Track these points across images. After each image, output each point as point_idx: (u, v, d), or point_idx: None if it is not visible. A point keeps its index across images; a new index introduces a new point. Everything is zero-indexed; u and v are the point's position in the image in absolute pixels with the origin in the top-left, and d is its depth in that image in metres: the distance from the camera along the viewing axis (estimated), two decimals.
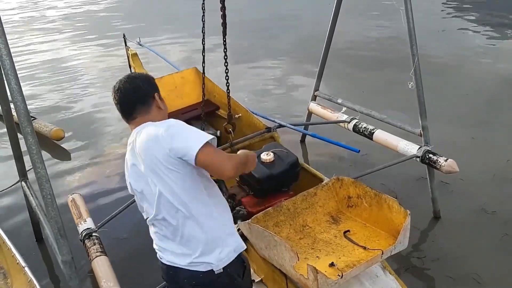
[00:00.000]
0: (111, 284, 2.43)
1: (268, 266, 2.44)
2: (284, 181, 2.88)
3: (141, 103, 1.98)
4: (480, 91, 6.14)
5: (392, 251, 2.27)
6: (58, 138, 5.03)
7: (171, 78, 4.39)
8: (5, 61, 2.01)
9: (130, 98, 1.98)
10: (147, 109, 1.99)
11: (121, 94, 1.98)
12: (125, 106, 1.98)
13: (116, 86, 2.01)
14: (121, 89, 1.98)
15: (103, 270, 2.52)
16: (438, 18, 9.99)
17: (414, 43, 3.31)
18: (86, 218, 2.91)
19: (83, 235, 2.78)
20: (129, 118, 1.99)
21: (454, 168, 3.17)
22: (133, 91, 1.98)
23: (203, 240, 1.91)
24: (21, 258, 2.57)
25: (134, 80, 2.02)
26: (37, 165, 2.12)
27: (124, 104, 1.98)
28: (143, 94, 1.99)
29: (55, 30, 10.48)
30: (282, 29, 9.67)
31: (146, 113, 1.98)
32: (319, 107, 4.44)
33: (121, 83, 2.00)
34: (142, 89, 2.00)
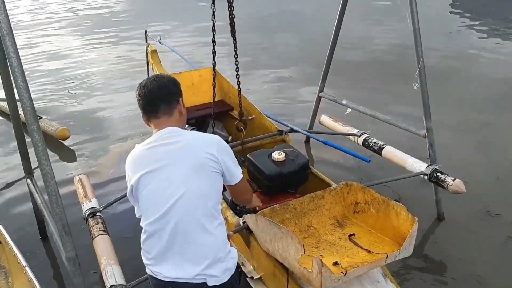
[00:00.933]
0: (111, 261, 2.45)
1: (270, 261, 2.44)
2: (293, 182, 2.90)
3: (165, 102, 1.98)
4: (485, 93, 6.13)
5: (397, 256, 2.27)
6: (63, 138, 5.03)
7: (189, 75, 4.43)
8: (12, 59, 2.02)
9: (156, 95, 1.98)
10: (170, 110, 1.99)
11: (146, 90, 1.98)
12: (149, 102, 1.98)
13: (142, 83, 2.01)
14: (148, 86, 1.99)
15: (104, 248, 2.54)
16: (444, 21, 9.99)
17: (419, 44, 3.31)
18: (91, 198, 2.94)
19: (87, 213, 2.80)
20: (151, 116, 1.99)
21: (461, 189, 3.17)
22: (159, 89, 1.98)
23: (211, 252, 1.90)
24: (22, 257, 2.57)
25: (161, 79, 2.04)
26: (42, 162, 2.14)
27: (149, 100, 1.98)
28: (168, 94, 2.00)
29: (63, 28, 10.51)
30: (288, 30, 9.69)
31: (169, 114, 1.99)
32: (330, 119, 4.45)
33: (149, 80, 2.02)
34: (168, 89, 2.01)
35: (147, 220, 1.93)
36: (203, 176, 1.89)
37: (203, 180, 1.89)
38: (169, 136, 1.93)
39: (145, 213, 1.94)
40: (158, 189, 1.89)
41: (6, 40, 2.01)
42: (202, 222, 1.89)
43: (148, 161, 1.92)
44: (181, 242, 1.88)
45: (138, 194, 1.95)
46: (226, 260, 1.95)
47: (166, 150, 1.91)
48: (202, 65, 5.51)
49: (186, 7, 11.95)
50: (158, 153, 1.92)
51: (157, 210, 1.89)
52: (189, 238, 1.88)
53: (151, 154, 1.93)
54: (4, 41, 2.01)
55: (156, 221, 1.89)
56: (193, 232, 1.88)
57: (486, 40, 8.63)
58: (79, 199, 2.99)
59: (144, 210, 1.95)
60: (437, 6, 11.08)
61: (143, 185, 1.91)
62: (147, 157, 1.93)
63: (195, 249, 1.89)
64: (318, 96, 4.63)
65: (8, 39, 2.01)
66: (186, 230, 1.88)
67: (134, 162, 1.96)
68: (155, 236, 1.92)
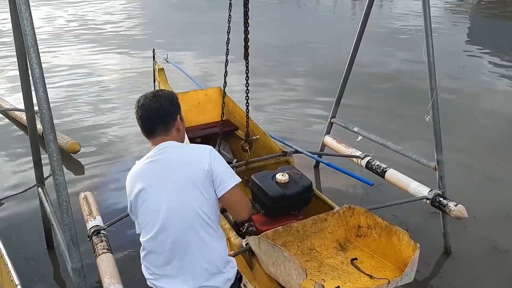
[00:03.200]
0: (114, 280, 2.45)
1: (272, 284, 2.43)
2: (296, 203, 2.91)
3: (162, 123, 2.02)
4: (498, 128, 6.11)
5: (399, 282, 2.26)
6: (73, 151, 5.05)
7: (195, 94, 4.50)
8: (35, 70, 2.08)
9: (153, 117, 2.02)
10: (168, 129, 2.04)
11: (144, 111, 2.02)
12: (147, 124, 2.03)
13: (140, 101, 2.05)
14: (145, 106, 2.02)
15: (108, 266, 2.55)
16: (459, 54, 10.02)
17: (433, 77, 3.33)
18: (96, 215, 2.95)
19: (91, 231, 2.81)
20: (149, 135, 2.05)
21: (464, 214, 3.15)
22: (156, 111, 2.02)
23: (212, 263, 1.95)
24: (16, 275, 2.53)
25: (158, 99, 2.04)
26: (56, 172, 2.17)
27: (146, 121, 2.03)
28: (165, 115, 2.03)
29: (80, 41, 10.70)
30: (301, 54, 9.80)
31: (166, 133, 2.03)
32: (334, 141, 4.46)
33: (146, 99, 2.04)
34: (165, 109, 2.03)
35: (146, 236, 1.97)
36: (196, 189, 1.91)
37: (196, 193, 1.91)
38: (163, 151, 1.99)
39: (144, 229, 1.99)
40: (154, 205, 1.93)
41: (30, 52, 2.07)
42: (200, 235, 1.93)
43: (144, 177, 1.97)
44: (181, 256, 1.92)
45: (137, 211, 1.99)
46: (227, 271, 2.01)
47: (160, 165, 1.96)
48: (209, 84, 5.57)
49: (199, 27, 12.13)
50: (152, 169, 1.97)
51: (154, 226, 1.93)
52: (188, 252, 1.92)
53: (146, 170, 1.98)
54: (29, 53, 2.07)
55: (154, 237, 1.94)
56: (192, 246, 1.92)
57: (500, 76, 8.62)
58: (83, 216, 3.01)
59: (143, 226, 1.99)
60: (453, 40, 11.15)
61: (140, 201, 1.95)
62: (143, 173, 1.98)
63: (195, 262, 1.93)
64: (330, 121, 4.65)
65: (32, 51, 2.07)
66: (185, 244, 1.92)
67: (132, 179, 2.00)
68: (154, 252, 1.97)
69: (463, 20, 14.57)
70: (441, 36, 10.55)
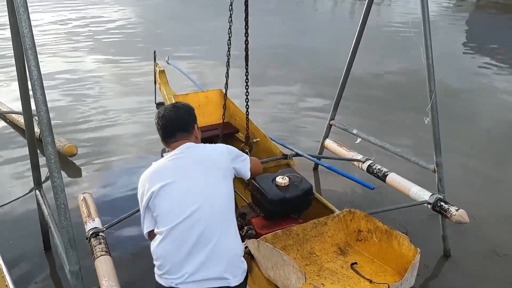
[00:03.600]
0: (112, 283, 2.43)
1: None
2: (296, 207, 2.89)
3: (182, 131, 2.25)
4: (497, 131, 6.12)
5: (398, 287, 2.25)
6: (70, 154, 4.99)
7: (196, 96, 4.50)
8: (33, 72, 2.07)
9: (172, 125, 2.24)
10: (187, 136, 2.26)
11: (164, 121, 2.24)
12: (167, 131, 2.25)
13: (161, 113, 2.27)
14: (165, 116, 2.25)
15: (106, 269, 2.53)
16: (458, 56, 10.05)
17: (432, 79, 3.33)
18: (94, 217, 2.94)
19: (90, 233, 2.80)
20: (169, 140, 2.25)
21: (465, 219, 3.14)
22: (176, 120, 2.25)
23: (233, 254, 2.09)
24: (10, 279, 2.51)
25: (178, 110, 2.29)
26: (54, 175, 2.16)
27: (166, 129, 2.25)
28: (184, 124, 2.26)
29: (77, 43, 10.67)
30: (300, 56, 9.81)
31: (186, 138, 2.26)
32: (335, 144, 4.46)
33: (166, 110, 2.27)
34: (183, 119, 2.27)
35: (167, 225, 2.04)
36: (222, 183, 2.15)
37: (223, 186, 2.15)
38: (186, 150, 2.19)
39: (165, 219, 2.06)
40: (181, 196, 2.07)
41: (28, 54, 2.05)
42: (225, 226, 2.10)
43: (170, 171, 2.13)
44: (206, 244, 2.03)
45: (157, 202, 2.08)
46: (243, 262, 2.16)
47: (186, 161, 2.15)
48: (210, 86, 5.57)
49: (199, 29, 12.14)
50: (178, 164, 2.14)
51: (180, 215, 2.03)
52: (213, 241, 2.03)
53: (172, 165, 2.15)
54: (27, 55, 2.06)
55: (179, 225, 2.03)
56: (217, 235, 2.05)
57: (500, 77, 8.64)
58: (82, 218, 3.00)
59: (164, 215, 2.07)
60: (452, 42, 11.17)
61: (164, 192, 2.07)
62: (169, 168, 2.15)
63: (219, 251, 2.04)
64: (328, 123, 4.65)
65: (30, 53, 2.06)
66: (211, 233, 2.04)
67: (154, 174, 2.14)
68: (178, 239, 2.05)
69: (462, 21, 14.63)
70: (440, 38, 10.55)
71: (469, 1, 18.99)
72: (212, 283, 2.03)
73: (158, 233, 2.09)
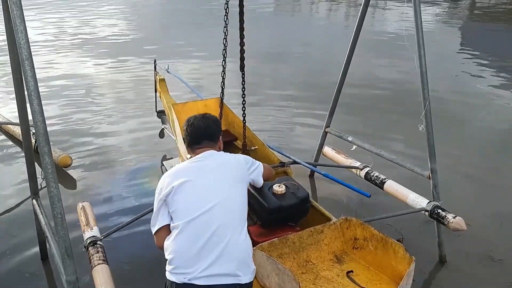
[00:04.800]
0: None
1: None
2: (293, 215, 2.90)
3: (208, 139, 2.42)
4: (492, 136, 6.16)
5: None
6: (65, 165, 4.93)
7: (195, 105, 4.50)
8: (30, 82, 2.09)
9: (201, 132, 2.41)
10: (212, 145, 2.43)
11: (194, 128, 2.42)
12: (195, 139, 2.41)
13: (190, 121, 2.46)
14: (195, 125, 2.43)
15: (103, 277, 2.53)
16: (452, 63, 10.12)
17: (426, 87, 3.36)
18: (93, 226, 2.94)
19: (87, 242, 2.80)
20: (195, 146, 2.41)
21: (462, 226, 3.16)
22: (204, 129, 2.42)
23: (244, 253, 2.18)
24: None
25: (206, 120, 2.48)
26: (51, 184, 2.18)
27: (194, 137, 2.41)
28: (212, 134, 2.44)
29: (73, 51, 10.67)
30: (294, 62, 9.85)
31: (210, 146, 2.42)
32: (334, 151, 4.48)
33: (196, 119, 2.46)
34: (211, 128, 2.45)
35: (184, 219, 2.13)
36: (238, 188, 2.29)
37: (239, 190, 2.29)
38: (209, 156, 2.35)
39: (182, 214, 2.15)
40: (200, 193, 2.18)
41: (25, 65, 2.07)
42: (238, 226, 2.18)
43: (192, 171, 2.26)
44: (217, 242, 2.10)
45: (176, 198, 2.18)
46: (252, 262, 2.23)
47: (208, 164, 2.30)
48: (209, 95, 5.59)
49: (196, 36, 12.20)
50: (200, 166, 2.29)
51: (198, 210, 2.13)
52: (225, 240, 2.10)
53: (194, 166, 2.30)
54: (23, 66, 2.08)
55: (195, 220, 2.11)
56: (229, 235, 2.12)
57: (494, 83, 8.70)
58: (81, 227, 3.00)
59: (182, 210, 2.16)
60: (446, 48, 11.26)
61: (183, 188, 2.18)
62: (191, 168, 2.29)
63: (231, 250, 2.11)
64: (324, 131, 4.67)
65: (27, 64, 2.08)
66: (223, 232, 2.11)
67: (177, 173, 2.26)
68: (192, 235, 2.11)
69: (456, 28, 14.74)
70: (434, 44, 10.64)
71: (462, 8, 19.15)
72: (224, 280, 2.08)
73: (174, 228, 2.17)
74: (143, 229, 3.97)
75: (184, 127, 2.46)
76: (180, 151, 3.83)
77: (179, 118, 4.02)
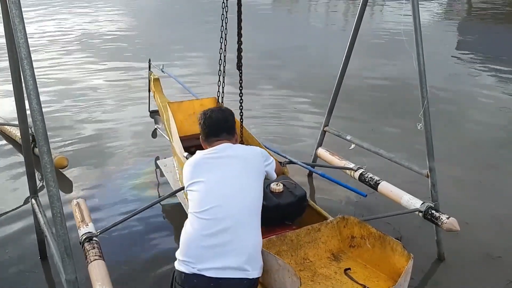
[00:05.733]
0: (105, 287, 2.44)
1: None
2: (290, 214, 2.91)
3: (226, 131, 2.47)
4: (491, 135, 6.18)
5: None
6: (60, 166, 4.85)
7: (191, 104, 4.50)
8: (29, 82, 2.09)
9: (220, 125, 2.46)
10: (230, 138, 2.47)
11: (212, 120, 2.47)
12: (214, 131, 2.45)
13: (207, 114, 2.51)
14: (213, 117, 2.48)
15: (99, 273, 2.54)
16: (450, 62, 10.14)
17: (424, 85, 3.37)
18: (88, 222, 2.95)
19: (83, 238, 2.81)
20: (211, 140, 2.45)
21: (455, 227, 3.17)
22: (223, 121, 2.48)
23: (254, 247, 2.17)
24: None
25: (224, 112, 2.55)
26: (50, 184, 2.18)
27: (213, 129, 2.45)
28: (230, 126, 2.50)
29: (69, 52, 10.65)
30: (292, 62, 9.86)
31: (228, 139, 2.46)
32: (328, 153, 4.48)
33: (212, 112, 2.51)
34: (229, 121, 2.51)
35: (199, 209, 2.18)
36: (255, 181, 2.31)
37: (255, 184, 2.30)
38: (228, 148, 2.39)
39: (198, 204, 2.20)
40: (216, 186, 2.21)
41: (24, 64, 2.08)
42: (251, 221, 2.21)
43: (208, 163, 2.31)
44: (229, 235, 2.12)
45: (192, 187, 2.26)
46: (261, 257, 2.23)
47: (225, 156, 2.33)
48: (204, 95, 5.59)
49: (193, 36, 12.20)
50: (218, 158, 2.32)
51: (211, 202, 2.17)
52: (237, 233, 2.13)
53: (212, 158, 2.33)
54: (22, 65, 2.08)
55: (209, 211, 2.15)
56: (241, 229, 2.15)
57: (491, 82, 8.72)
58: (76, 223, 3.01)
59: (197, 200, 2.21)
60: (444, 48, 11.28)
61: (200, 181, 2.23)
62: (208, 160, 2.33)
63: (241, 244, 2.13)
64: (323, 130, 4.68)
65: (26, 63, 2.08)
66: (236, 225, 2.14)
67: (194, 164, 2.33)
68: (205, 226, 2.14)
69: (453, 27, 14.77)
70: (432, 44, 10.64)
71: (459, 7, 19.17)
72: (233, 273, 2.09)
73: (189, 215, 2.23)
74: (139, 226, 4.03)
75: (201, 120, 2.50)
76: (175, 150, 3.83)
77: (175, 117, 4.02)
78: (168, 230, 4.05)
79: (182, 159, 3.41)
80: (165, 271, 3.35)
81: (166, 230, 4.04)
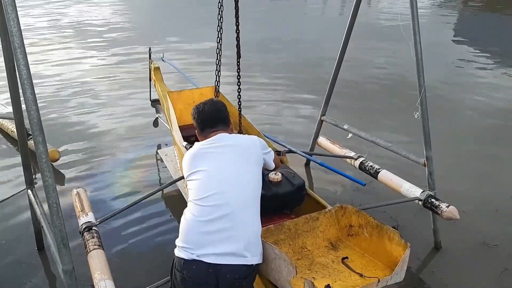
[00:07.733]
0: (105, 276, 2.44)
1: (262, 282, 2.46)
2: (288, 203, 2.91)
3: (221, 122, 2.48)
4: (487, 124, 6.19)
5: (388, 281, 2.28)
6: (52, 160, 4.72)
7: (190, 93, 4.47)
8: (22, 71, 2.06)
9: (214, 116, 2.48)
10: (225, 128, 2.48)
11: (205, 113, 2.48)
12: (209, 123, 2.46)
13: (200, 107, 2.51)
14: (205, 110, 2.49)
15: (99, 262, 2.54)
16: (447, 50, 10.12)
17: (422, 74, 3.36)
18: (88, 212, 2.95)
19: (83, 227, 2.81)
20: (207, 132, 2.46)
21: (455, 215, 3.18)
22: (216, 113, 2.49)
23: (254, 233, 2.19)
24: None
25: (217, 104, 2.55)
26: (45, 174, 2.16)
27: (208, 121, 2.47)
28: (224, 117, 2.51)
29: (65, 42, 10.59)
30: (289, 54, 9.83)
31: (224, 129, 2.47)
32: (328, 141, 4.48)
33: (205, 105, 2.51)
34: (223, 112, 2.52)
35: (198, 197, 2.19)
36: (253, 169, 2.33)
37: (253, 171, 2.32)
38: (225, 137, 2.41)
39: (198, 191, 2.21)
40: (215, 174, 2.23)
41: (17, 53, 2.05)
42: (250, 208, 2.22)
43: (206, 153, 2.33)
44: (228, 221, 2.12)
45: (192, 177, 2.27)
46: (260, 245, 2.23)
47: (222, 145, 2.34)
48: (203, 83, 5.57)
49: (191, 26, 12.13)
50: (215, 148, 2.33)
51: (211, 189, 2.18)
52: (236, 220, 2.14)
53: (209, 148, 2.35)
54: (16, 54, 2.05)
55: (208, 198, 2.16)
56: (240, 215, 2.16)
57: (488, 71, 8.72)
58: (76, 212, 3.01)
59: (197, 188, 2.22)
60: (441, 36, 11.25)
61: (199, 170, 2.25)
62: (208, 148, 2.35)
63: (240, 230, 2.14)
64: (320, 119, 4.67)
65: (19, 52, 2.05)
66: (235, 212, 2.14)
67: (193, 155, 2.34)
68: (204, 212, 2.15)
69: (451, 16, 14.71)
70: (429, 33, 10.61)
71: None
72: (232, 259, 2.10)
73: (189, 203, 2.24)
74: (139, 216, 4.03)
75: (194, 114, 2.51)
76: (175, 139, 3.82)
77: (174, 106, 4.00)
78: (168, 219, 4.05)
79: (182, 149, 3.40)
80: (165, 260, 3.34)
81: (166, 219, 4.04)
